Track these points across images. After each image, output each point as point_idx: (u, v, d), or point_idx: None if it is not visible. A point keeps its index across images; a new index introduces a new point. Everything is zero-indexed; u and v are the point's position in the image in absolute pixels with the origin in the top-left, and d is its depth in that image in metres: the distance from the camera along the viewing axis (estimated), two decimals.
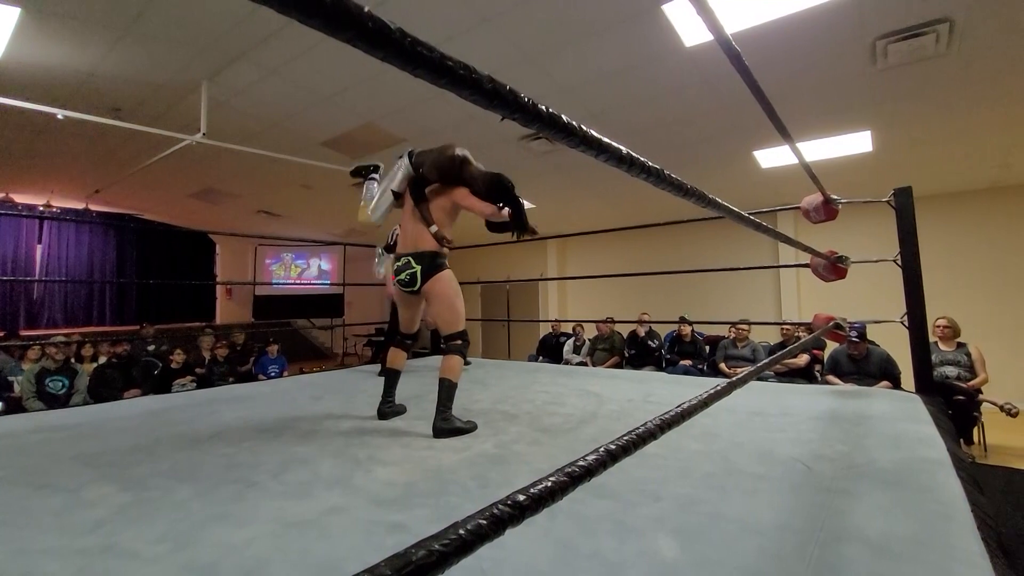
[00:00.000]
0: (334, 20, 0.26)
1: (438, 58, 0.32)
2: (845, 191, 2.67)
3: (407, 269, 2.19)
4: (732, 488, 1.35)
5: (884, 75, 3.57)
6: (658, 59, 3.55)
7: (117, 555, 1.08)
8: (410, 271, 2.18)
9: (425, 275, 2.16)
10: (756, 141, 4.86)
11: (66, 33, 3.36)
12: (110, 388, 4.33)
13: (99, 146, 5.43)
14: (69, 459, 1.74)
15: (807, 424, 1.98)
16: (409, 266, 2.18)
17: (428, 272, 2.16)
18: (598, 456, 0.48)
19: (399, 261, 2.24)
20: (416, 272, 2.16)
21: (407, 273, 2.19)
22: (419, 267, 2.16)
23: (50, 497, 1.40)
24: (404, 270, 2.20)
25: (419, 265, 2.16)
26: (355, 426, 2.13)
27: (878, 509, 1.18)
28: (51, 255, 8.23)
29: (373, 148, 5.38)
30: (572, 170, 5.88)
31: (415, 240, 2.22)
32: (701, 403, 0.71)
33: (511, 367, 4.01)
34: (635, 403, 2.49)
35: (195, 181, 6.61)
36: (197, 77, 4.00)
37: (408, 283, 2.20)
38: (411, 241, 2.23)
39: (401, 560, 0.30)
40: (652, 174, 0.59)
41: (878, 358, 3.80)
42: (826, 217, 2.45)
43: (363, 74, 3.92)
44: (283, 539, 1.14)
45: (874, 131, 4.51)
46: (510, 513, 0.37)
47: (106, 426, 2.22)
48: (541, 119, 0.41)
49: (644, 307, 7.40)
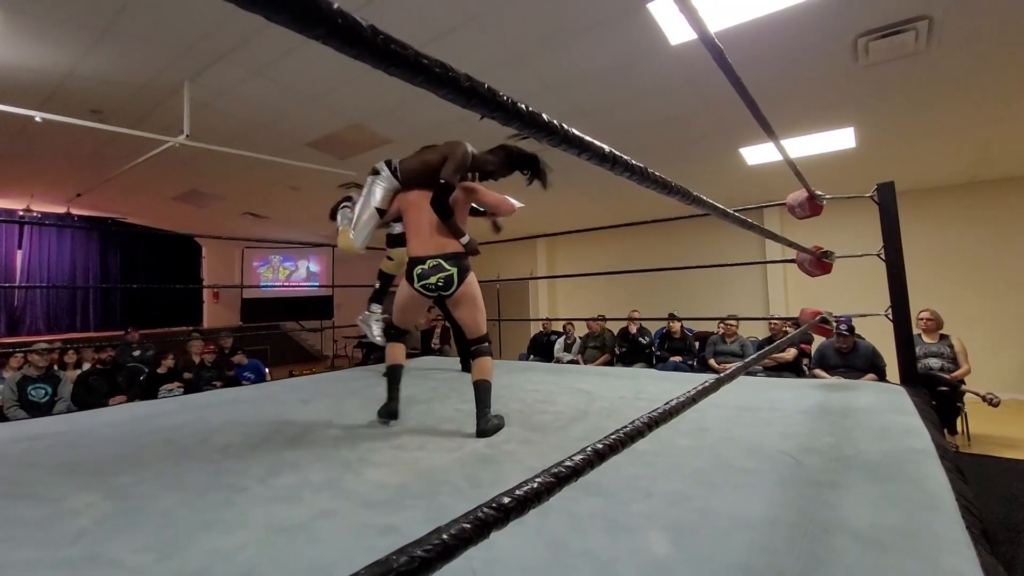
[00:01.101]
0: (303, 17, 0.26)
1: (412, 56, 0.31)
2: (829, 187, 2.71)
3: (440, 272, 2.09)
4: (722, 483, 1.36)
5: (866, 72, 3.61)
6: (644, 57, 3.57)
7: (102, 565, 1.06)
8: (444, 274, 2.08)
9: (461, 277, 2.10)
10: (742, 138, 4.90)
11: (42, 33, 3.29)
12: (95, 395, 4.25)
13: (80, 149, 5.33)
14: (52, 468, 1.71)
15: (795, 418, 2.00)
16: (442, 268, 2.08)
17: (463, 275, 2.10)
18: (585, 456, 0.48)
19: (424, 264, 2.11)
20: (452, 275, 2.08)
21: (441, 276, 2.09)
22: (455, 269, 2.09)
23: (32, 507, 1.37)
24: (436, 273, 2.09)
25: (454, 268, 2.09)
26: (345, 429, 2.11)
27: (866, 500, 1.20)
28: (32, 260, 8.06)
29: (360, 149, 5.34)
30: (560, 170, 5.84)
31: (441, 242, 2.12)
32: (690, 399, 0.72)
33: (502, 366, 4.00)
34: (626, 400, 2.50)
35: (179, 183, 6.52)
36: (179, 78, 3.94)
37: (443, 287, 2.09)
38: (435, 242, 2.12)
39: (382, 567, 0.29)
40: (636, 172, 0.58)
41: (864, 351, 3.85)
42: (811, 213, 2.48)
43: (348, 74, 3.89)
44: (273, 544, 1.13)
45: (857, 127, 4.57)
46: (495, 516, 0.36)
47: (90, 434, 2.18)
48: (521, 117, 0.41)
49: (634, 304, 7.43)
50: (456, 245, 2.14)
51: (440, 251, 2.11)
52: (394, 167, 2.28)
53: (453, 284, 2.10)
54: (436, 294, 2.13)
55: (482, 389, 2.07)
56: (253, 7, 0.24)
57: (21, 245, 7.93)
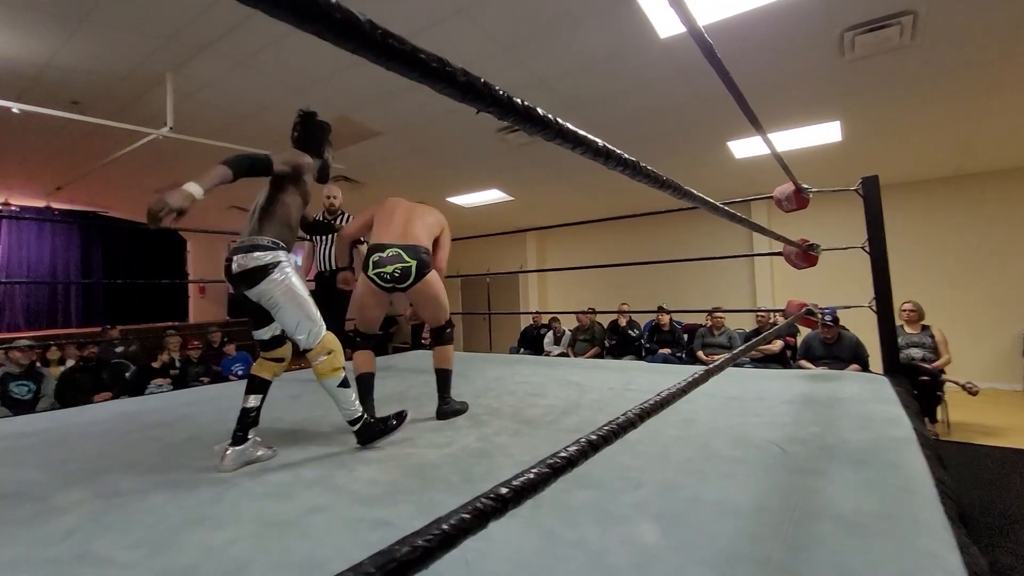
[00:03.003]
0: (300, 12, 0.26)
1: (410, 50, 0.31)
2: (816, 180, 2.74)
3: (397, 262, 1.97)
4: (711, 472, 1.39)
5: (852, 66, 3.65)
6: (633, 50, 3.57)
7: (90, 563, 1.05)
8: (402, 265, 1.97)
9: (419, 272, 2.00)
10: (730, 132, 4.93)
11: (18, 21, 3.19)
12: (79, 392, 4.19)
13: (59, 141, 5.21)
14: (37, 466, 1.69)
15: (781, 408, 2.03)
16: (400, 259, 1.97)
17: (422, 270, 2.01)
18: (579, 447, 0.49)
19: (383, 252, 1.99)
20: (411, 267, 1.98)
21: (398, 267, 1.96)
22: (414, 262, 1.98)
23: (18, 506, 1.35)
24: (394, 263, 1.97)
25: (414, 260, 1.98)
26: (335, 425, 2.11)
27: (849, 487, 1.23)
28: (11, 255, 7.87)
29: (348, 141, 5.28)
30: (550, 162, 5.88)
31: (414, 234, 2.04)
32: (680, 391, 0.73)
33: (493, 359, 4.01)
34: (616, 392, 2.52)
35: (163, 176, 6.39)
36: (161, 68, 3.85)
37: (398, 278, 1.98)
38: (405, 232, 2.03)
39: (385, 557, 0.30)
40: (628, 166, 0.59)
41: (849, 342, 3.92)
42: (797, 206, 2.51)
43: (335, 65, 3.83)
44: (264, 540, 1.12)
45: (843, 121, 4.63)
46: (493, 506, 0.37)
47: (76, 431, 2.15)
48: (516, 112, 0.41)
49: (623, 297, 7.49)
50: (424, 239, 2.06)
51: (403, 241, 2.02)
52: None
53: (410, 277, 1.99)
54: (391, 286, 2.01)
55: (444, 376, 2.13)
56: (255, 3, 0.24)
57: (0, 239, 7.75)
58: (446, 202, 7.28)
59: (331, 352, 1.68)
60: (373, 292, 2.06)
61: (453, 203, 7.38)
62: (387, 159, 5.82)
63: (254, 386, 1.75)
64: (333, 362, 1.68)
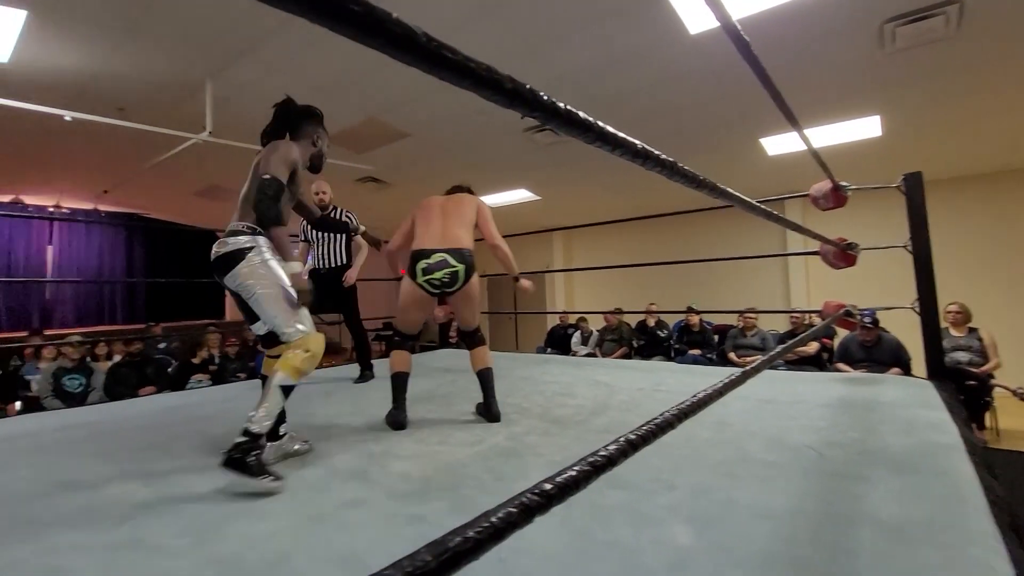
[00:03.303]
0: (364, 27, 0.27)
1: (462, 60, 0.33)
2: (854, 177, 2.65)
3: (446, 268, 2.00)
4: (744, 475, 1.36)
5: (892, 59, 3.52)
6: (661, 47, 3.52)
7: (143, 549, 1.11)
8: (451, 270, 2.01)
9: (467, 276, 2.05)
10: (762, 128, 4.81)
11: (70, 34, 3.37)
12: (125, 386, 4.39)
13: (106, 146, 5.47)
14: (91, 456, 1.78)
15: (818, 411, 1.98)
16: (448, 264, 2.01)
17: (469, 273, 2.05)
18: (619, 446, 0.49)
19: (428, 258, 2.01)
20: (459, 272, 2.02)
21: (447, 272, 2.00)
22: (462, 266, 2.03)
23: (75, 493, 1.44)
24: (442, 268, 2.00)
25: (462, 264, 2.03)
26: (367, 421, 2.16)
27: (891, 494, 1.19)
28: (62, 256, 8.30)
29: (376, 143, 5.38)
30: (577, 161, 5.85)
31: (455, 236, 2.07)
32: (717, 392, 0.72)
33: (520, 359, 4.03)
34: (645, 392, 2.50)
35: (201, 179, 6.64)
36: (201, 75, 4.01)
37: (448, 283, 2.02)
38: (445, 236, 2.06)
39: (439, 547, 0.31)
40: (666, 167, 0.59)
41: (889, 345, 3.78)
42: (835, 204, 2.44)
43: (364, 68, 3.91)
44: (304, 532, 1.16)
45: (883, 116, 4.46)
46: (538, 502, 0.38)
47: (125, 423, 2.26)
48: (559, 116, 0.42)
49: (651, 297, 7.39)
50: (468, 242, 2.09)
51: (449, 245, 2.05)
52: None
53: (459, 281, 2.04)
54: (440, 291, 2.05)
55: (490, 375, 2.13)
56: (306, 13, 0.25)
57: (52, 241, 8.18)
58: None
59: (309, 352, 1.55)
60: (420, 298, 2.09)
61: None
62: (414, 160, 5.89)
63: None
64: (304, 364, 1.54)
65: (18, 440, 2.03)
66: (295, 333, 1.56)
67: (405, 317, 2.16)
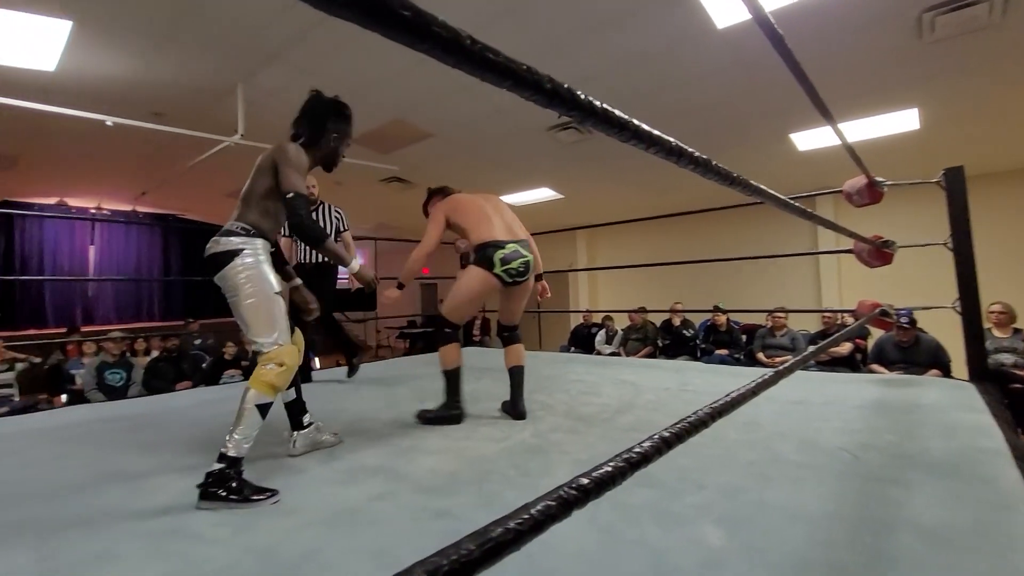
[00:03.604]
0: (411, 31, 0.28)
1: (504, 61, 0.33)
2: (888, 172, 2.56)
3: (520, 257, 2.05)
4: (776, 476, 1.34)
5: (931, 49, 3.39)
6: (688, 42, 3.47)
7: (185, 537, 1.15)
8: (524, 259, 2.06)
9: (532, 268, 2.11)
10: (792, 123, 4.69)
11: (112, 42, 3.51)
12: (163, 380, 4.56)
13: (144, 150, 5.68)
14: (134, 447, 1.86)
15: (853, 413, 1.93)
16: (521, 254, 2.06)
17: (532, 264, 2.11)
18: (653, 443, 0.49)
19: (504, 248, 2.03)
20: (530, 261, 2.09)
21: (521, 262, 2.05)
22: (530, 257, 2.10)
23: (119, 483, 1.50)
24: (518, 258, 2.05)
25: (530, 255, 2.10)
26: (394, 416, 2.19)
27: (933, 499, 1.15)
28: (103, 255, 8.68)
29: (401, 143, 5.44)
30: (600, 159, 5.81)
31: (516, 229, 2.15)
32: (750, 392, 0.71)
33: (544, 357, 4.03)
34: (672, 392, 2.47)
35: (233, 181, 6.83)
36: (233, 79, 4.12)
37: (523, 272, 2.07)
38: (511, 229, 2.13)
39: (482, 536, 0.32)
40: (700, 164, 0.59)
41: (927, 346, 3.64)
42: (870, 200, 2.36)
43: (389, 71, 3.96)
44: (335, 525, 1.19)
45: (921, 108, 4.30)
46: (576, 496, 0.38)
47: (163, 416, 2.35)
48: (595, 115, 0.42)
49: (677, 296, 7.28)
50: (525, 235, 2.16)
51: (514, 237, 2.09)
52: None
53: (529, 271, 2.09)
54: (513, 280, 2.06)
55: (522, 374, 2.15)
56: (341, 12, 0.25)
57: (93, 241, 8.55)
58: None
59: (282, 366, 1.45)
60: (490, 289, 2.08)
61: (504, 202, 7.43)
62: (439, 160, 5.94)
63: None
64: (277, 379, 1.44)
65: (67, 430, 2.14)
66: (269, 345, 1.47)
67: (464, 309, 2.15)
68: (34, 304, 7.93)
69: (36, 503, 1.36)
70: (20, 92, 3.59)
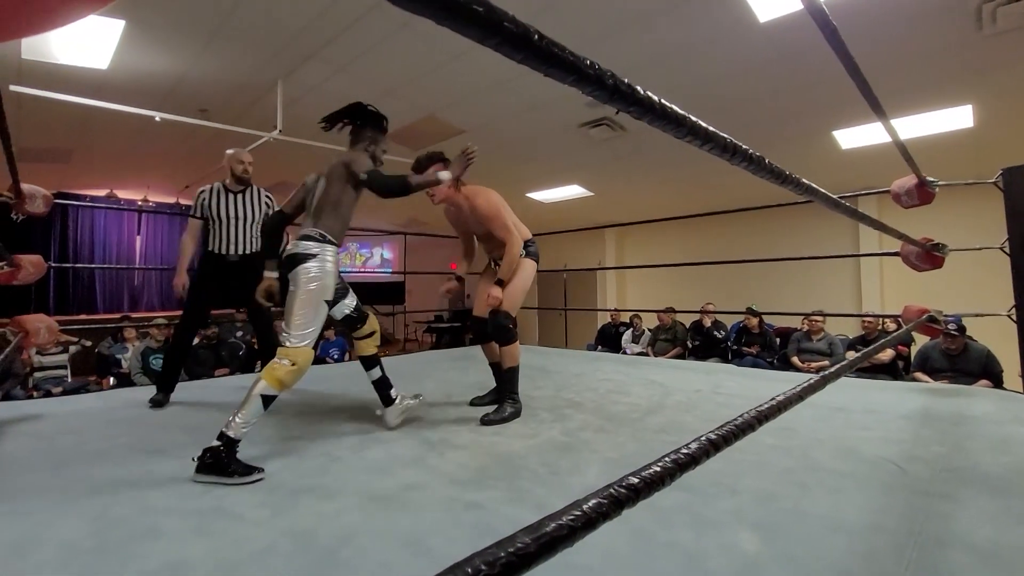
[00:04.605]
0: (483, 27, 0.28)
1: (570, 58, 0.33)
2: (937, 172, 2.43)
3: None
4: (814, 485, 1.30)
5: (990, 42, 3.20)
6: (730, 36, 3.38)
7: (227, 516, 1.20)
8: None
9: None
10: (836, 120, 4.52)
11: (162, 41, 3.65)
12: (203, 366, 4.74)
13: (189, 145, 5.89)
14: (177, 429, 1.94)
15: (896, 423, 1.85)
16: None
17: None
18: (700, 444, 0.49)
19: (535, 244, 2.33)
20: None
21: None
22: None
23: (164, 462, 1.57)
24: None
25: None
26: (424, 410, 2.22)
27: (985, 515, 1.10)
28: (149, 245, 9.07)
29: (433, 139, 5.48)
30: (632, 157, 5.73)
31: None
32: (796, 396, 0.70)
33: (571, 355, 4.01)
34: (703, 394, 2.43)
35: (270, 176, 7.03)
36: (274, 76, 4.23)
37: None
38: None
39: (537, 531, 0.32)
40: (753, 162, 0.57)
41: (977, 354, 3.46)
42: (920, 201, 2.26)
43: (424, 67, 4.00)
44: (369, 511, 1.22)
45: (976, 105, 4.08)
46: (626, 494, 0.38)
47: (204, 401, 2.44)
48: (654, 111, 0.42)
49: (707, 297, 7.13)
50: None
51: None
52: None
53: None
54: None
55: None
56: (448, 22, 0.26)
57: (140, 231, 8.94)
58: (526, 198, 7.34)
59: (295, 366, 1.55)
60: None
61: (533, 199, 7.42)
62: None
63: (367, 364, 1.97)
64: (288, 376, 1.53)
65: (116, 411, 2.25)
66: (294, 341, 1.58)
67: (521, 302, 2.23)
68: (86, 291, 8.35)
69: (90, 478, 1.44)
70: (76, 89, 3.77)
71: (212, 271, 2.55)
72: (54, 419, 2.09)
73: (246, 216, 2.61)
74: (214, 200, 2.56)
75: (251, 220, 2.62)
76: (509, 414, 2.03)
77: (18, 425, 2.00)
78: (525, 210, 2.35)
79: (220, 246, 2.56)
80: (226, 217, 2.56)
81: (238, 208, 2.58)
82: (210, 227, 2.57)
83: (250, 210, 2.62)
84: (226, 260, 2.57)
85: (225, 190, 2.61)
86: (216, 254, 2.56)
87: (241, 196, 2.62)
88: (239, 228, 2.59)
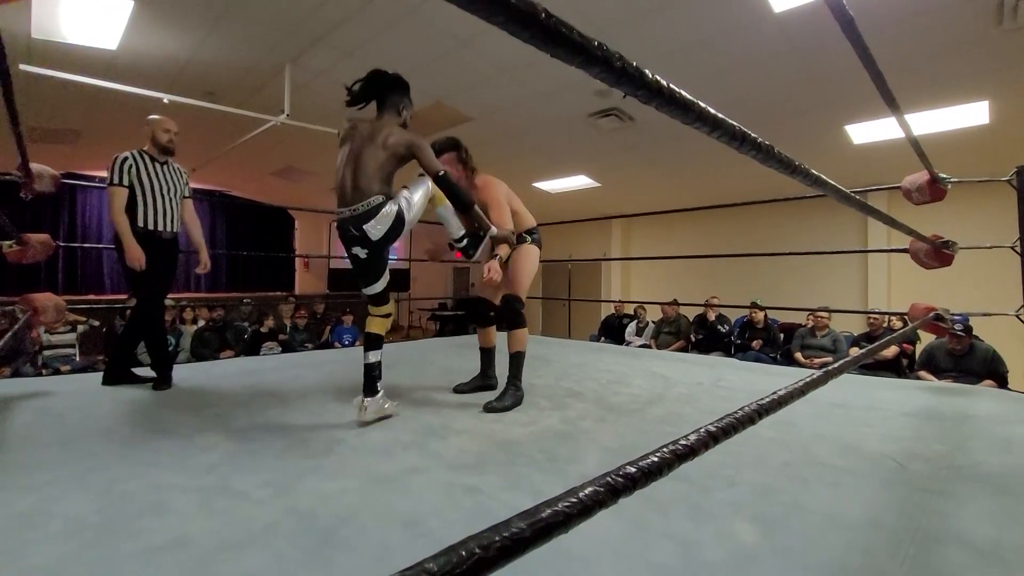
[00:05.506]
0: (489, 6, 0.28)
1: (579, 41, 0.32)
2: (949, 169, 2.40)
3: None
4: (813, 479, 1.30)
5: (1011, 37, 3.13)
6: (743, 27, 3.32)
7: (231, 495, 1.21)
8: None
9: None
10: (848, 114, 4.46)
11: (169, 22, 3.63)
12: (208, 348, 4.79)
13: (196, 128, 5.87)
14: (182, 409, 1.96)
15: (898, 420, 1.85)
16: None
17: None
18: (700, 436, 0.49)
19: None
20: None
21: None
22: None
23: (170, 441, 1.59)
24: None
25: None
26: (426, 395, 2.24)
27: (984, 514, 1.10)
28: None
29: (440, 126, 5.45)
30: (639, 148, 5.68)
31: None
32: (798, 391, 0.69)
33: (573, 345, 4.01)
34: (704, 387, 2.43)
35: (277, 160, 7.02)
36: (281, 60, 4.21)
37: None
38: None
39: (532, 516, 0.32)
40: (762, 151, 0.56)
41: (982, 354, 3.44)
42: (931, 198, 2.23)
43: (432, 54, 3.96)
44: (370, 492, 1.23)
45: (992, 101, 4.00)
46: (623, 484, 0.38)
47: (210, 382, 2.47)
48: (662, 96, 0.41)
49: (712, 290, 7.11)
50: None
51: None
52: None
53: None
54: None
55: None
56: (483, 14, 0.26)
57: None
58: (532, 187, 7.30)
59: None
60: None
61: (539, 188, 7.38)
62: (477, 144, 5.91)
63: (370, 344, 1.92)
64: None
65: (124, 390, 2.27)
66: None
67: (528, 287, 2.28)
68: (94, 271, 8.42)
69: (97, 454, 1.46)
70: (85, 69, 3.77)
71: (148, 250, 2.25)
72: (63, 396, 2.12)
73: (172, 188, 2.40)
74: (143, 169, 2.30)
75: (177, 193, 2.42)
76: (511, 403, 2.03)
77: (28, 401, 2.03)
78: (531, 200, 2.35)
79: (151, 221, 2.31)
80: (155, 189, 2.32)
81: (164, 179, 2.36)
82: (137, 199, 2.28)
83: (175, 182, 2.42)
84: (161, 237, 2.36)
85: (151, 159, 2.36)
86: (148, 230, 2.30)
87: (166, 167, 2.40)
88: (167, 202, 2.37)
